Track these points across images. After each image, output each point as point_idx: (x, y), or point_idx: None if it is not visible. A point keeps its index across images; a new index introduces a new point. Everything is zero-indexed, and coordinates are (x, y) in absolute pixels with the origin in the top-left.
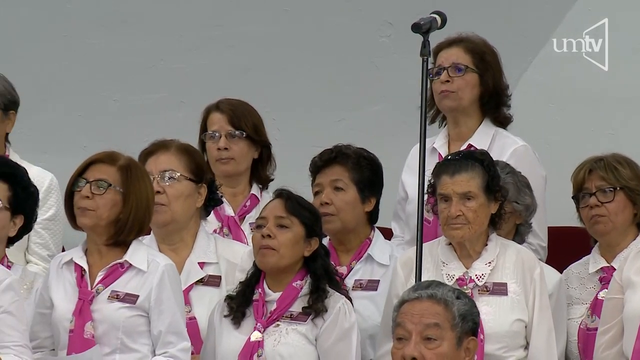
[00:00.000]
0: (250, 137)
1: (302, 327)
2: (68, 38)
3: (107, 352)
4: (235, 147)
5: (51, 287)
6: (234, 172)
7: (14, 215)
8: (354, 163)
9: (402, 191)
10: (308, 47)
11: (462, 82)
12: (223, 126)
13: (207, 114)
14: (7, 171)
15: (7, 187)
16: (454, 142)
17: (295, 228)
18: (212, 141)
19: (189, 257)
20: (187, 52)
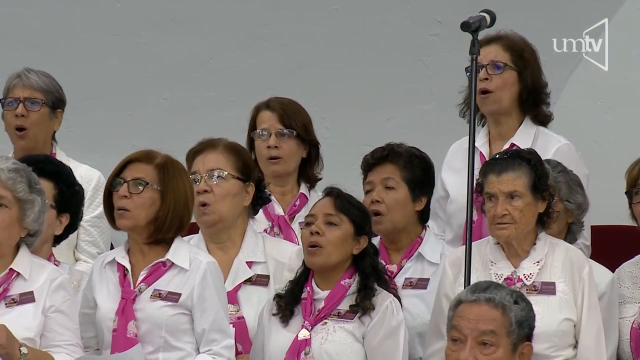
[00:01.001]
0: (299, 135)
1: (349, 325)
2: (118, 37)
3: (150, 350)
4: (284, 146)
5: (94, 287)
6: (283, 171)
7: (59, 214)
8: (405, 162)
9: (441, 190)
10: (357, 46)
11: (501, 81)
12: (273, 124)
13: (256, 112)
14: (52, 170)
15: (52, 186)
16: (494, 141)
17: (344, 226)
18: (261, 139)
19: (237, 256)
20: (237, 51)
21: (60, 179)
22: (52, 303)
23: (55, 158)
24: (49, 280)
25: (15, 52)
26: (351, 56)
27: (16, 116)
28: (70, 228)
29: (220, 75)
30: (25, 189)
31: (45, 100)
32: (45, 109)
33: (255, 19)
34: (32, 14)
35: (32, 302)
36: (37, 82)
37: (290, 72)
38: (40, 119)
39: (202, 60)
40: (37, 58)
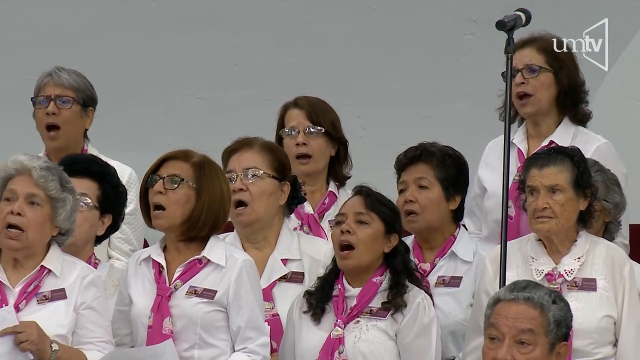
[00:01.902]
0: (328, 133)
1: (382, 323)
2: (153, 36)
3: (185, 347)
4: (313, 143)
5: (130, 284)
6: (312, 170)
7: (102, 215)
8: (438, 161)
9: (477, 187)
10: (393, 45)
11: (537, 83)
12: (302, 122)
13: (284, 110)
14: (97, 170)
15: (96, 186)
16: (532, 139)
17: (374, 224)
18: (290, 137)
19: (272, 254)
20: (273, 50)
21: (105, 179)
22: (83, 300)
23: (101, 158)
24: (80, 277)
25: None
26: (387, 55)
27: (47, 114)
28: (112, 228)
29: (255, 74)
30: (57, 187)
31: (76, 98)
32: (76, 107)
33: (291, 18)
34: (68, 12)
35: (64, 299)
36: (68, 80)
37: (326, 71)
38: (71, 117)
39: (238, 59)
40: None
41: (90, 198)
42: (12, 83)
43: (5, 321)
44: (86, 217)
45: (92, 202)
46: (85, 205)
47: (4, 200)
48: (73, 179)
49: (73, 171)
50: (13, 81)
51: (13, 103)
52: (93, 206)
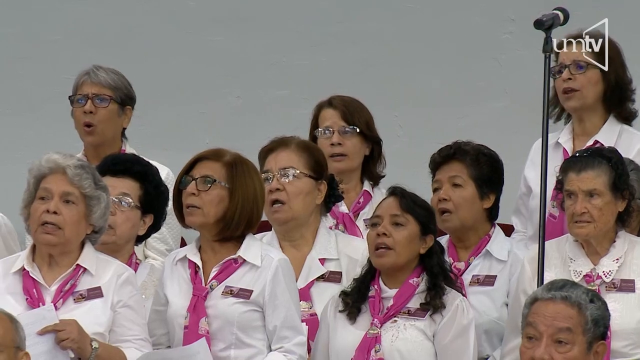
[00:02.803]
0: (362, 133)
1: (420, 323)
2: (191, 35)
3: (221, 347)
4: (348, 143)
5: (166, 284)
6: (346, 169)
7: (144, 215)
8: (472, 159)
9: (524, 186)
10: (430, 44)
11: (584, 80)
12: (336, 122)
13: (318, 110)
14: (139, 170)
15: (138, 186)
16: (578, 138)
17: (410, 226)
18: (324, 137)
19: (309, 253)
20: (310, 49)
21: (147, 179)
22: (119, 298)
23: (143, 158)
24: (115, 275)
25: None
26: (424, 54)
27: (84, 113)
28: (153, 228)
29: (292, 73)
30: (92, 185)
31: (113, 97)
32: (113, 106)
33: (327, 17)
34: (104, 11)
35: (100, 297)
36: (106, 79)
37: (363, 70)
38: (108, 116)
39: (275, 59)
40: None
41: (132, 198)
42: (50, 82)
43: (45, 320)
44: (128, 216)
45: (133, 202)
46: (127, 205)
47: (39, 199)
48: (115, 178)
49: (115, 171)
50: (51, 80)
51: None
52: (134, 206)
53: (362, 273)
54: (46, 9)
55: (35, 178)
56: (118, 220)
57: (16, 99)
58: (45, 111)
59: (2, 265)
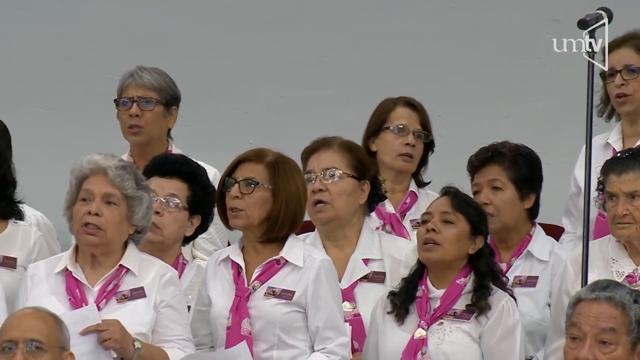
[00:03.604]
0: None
1: (465, 325)
2: (234, 35)
3: (264, 348)
4: (418, 147)
5: (209, 285)
6: (411, 170)
7: (191, 215)
8: (510, 161)
9: (574, 186)
10: (473, 43)
11: (638, 85)
12: (413, 123)
13: (393, 105)
14: (187, 171)
15: (186, 187)
16: (628, 138)
17: (460, 224)
18: (395, 134)
19: (353, 253)
20: (353, 49)
21: (194, 180)
22: (162, 298)
23: (192, 159)
24: (158, 275)
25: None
26: (467, 53)
27: (130, 116)
28: (201, 229)
29: (335, 73)
30: (133, 186)
31: (158, 98)
32: (159, 107)
33: (371, 17)
34: (148, 12)
35: (143, 297)
36: (150, 80)
37: (407, 70)
38: (154, 118)
39: (318, 58)
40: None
41: (180, 199)
42: (94, 82)
43: (88, 320)
44: (175, 217)
45: (181, 203)
46: (175, 205)
47: (80, 201)
48: (163, 179)
49: (163, 171)
50: (95, 80)
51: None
52: (182, 207)
53: (410, 273)
54: (90, 10)
55: (77, 179)
56: (165, 221)
57: (60, 99)
58: (89, 111)
59: (45, 265)
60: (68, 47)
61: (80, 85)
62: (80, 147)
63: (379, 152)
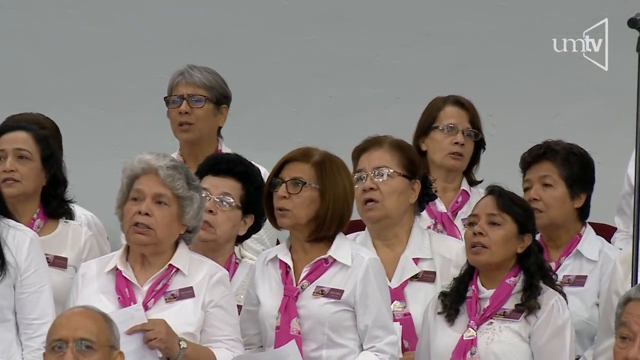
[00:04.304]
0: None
1: (515, 325)
2: (284, 34)
3: (313, 347)
4: (468, 146)
5: (257, 285)
6: (461, 168)
7: (244, 215)
8: (563, 159)
9: (627, 185)
10: (523, 43)
11: None
12: (462, 122)
13: (442, 104)
14: (241, 170)
15: (240, 186)
16: None
17: (507, 225)
18: (444, 133)
19: (403, 252)
20: (403, 48)
21: (248, 180)
22: (211, 298)
23: (246, 159)
24: (208, 275)
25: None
26: (517, 53)
27: (180, 113)
28: (254, 229)
29: (386, 72)
30: (184, 185)
31: (208, 96)
32: (209, 106)
33: (421, 16)
34: (199, 12)
35: (192, 297)
36: (200, 78)
37: (457, 69)
38: (204, 116)
39: (368, 58)
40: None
41: (233, 197)
42: (144, 81)
43: (134, 319)
44: (228, 216)
45: (234, 202)
46: (228, 204)
47: (131, 200)
48: (217, 178)
49: (217, 170)
50: (146, 79)
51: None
52: (235, 206)
53: (461, 273)
54: (141, 9)
55: (129, 178)
56: (218, 220)
57: (111, 98)
58: (140, 110)
59: (96, 264)
60: (118, 47)
61: (131, 85)
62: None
63: (429, 151)
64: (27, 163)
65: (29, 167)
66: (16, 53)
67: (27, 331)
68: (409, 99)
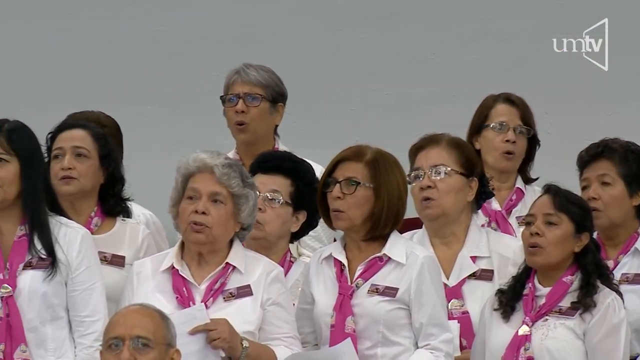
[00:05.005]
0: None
1: (570, 322)
2: (340, 32)
3: (368, 346)
4: (520, 143)
5: (312, 283)
6: (513, 168)
7: (295, 211)
8: (620, 157)
9: None
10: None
11: None
12: (513, 119)
13: (492, 102)
14: (289, 166)
15: (289, 183)
16: None
17: (564, 225)
18: (497, 131)
19: (460, 251)
20: (459, 46)
21: (298, 176)
22: (269, 296)
23: (295, 155)
24: (264, 273)
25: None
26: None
27: (236, 112)
28: (308, 226)
29: (441, 70)
30: (239, 184)
31: (264, 95)
32: (265, 104)
33: (477, 14)
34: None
35: (250, 295)
36: (256, 77)
37: (512, 67)
38: (260, 114)
39: (424, 56)
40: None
41: (282, 194)
42: (200, 80)
43: (196, 319)
44: (278, 213)
45: (283, 199)
46: (277, 201)
47: (187, 199)
48: (266, 175)
49: (265, 168)
50: (202, 78)
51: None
52: (285, 202)
53: (518, 271)
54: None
55: (183, 177)
56: (267, 217)
57: (167, 96)
58: (196, 108)
59: (151, 263)
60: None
61: (187, 83)
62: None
63: (482, 150)
64: (85, 161)
65: (87, 164)
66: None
67: (79, 328)
68: (464, 97)
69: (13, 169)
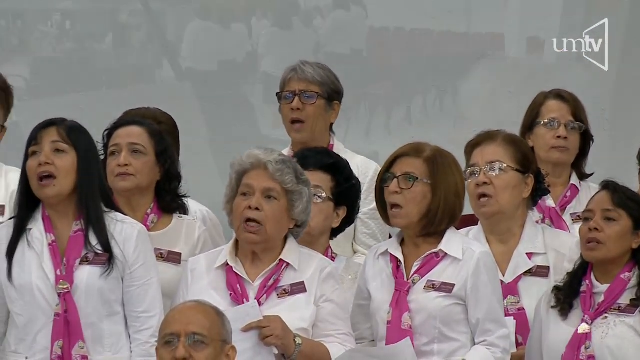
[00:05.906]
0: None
1: (630, 319)
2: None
3: (425, 342)
4: (572, 138)
5: (368, 279)
6: (566, 162)
7: (336, 207)
8: None
9: None
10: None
11: None
12: (564, 115)
13: (543, 99)
14: (329, 162)
15: (329, 178)
16: None
17: (622, 221)
18: (548, 128)
19: (516, 247)
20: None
21: (337, 172)
22: (322, 293)
23: (333, 151)
24: (318, 270)
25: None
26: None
27: (292, 109)
28: (348, 221)
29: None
30: (293, 180)
31: (320, 92)
32: (320, 102)
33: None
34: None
35: (304, 292)
36: (312, 74)
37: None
38: (316, 112)
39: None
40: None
41: (324, 190)
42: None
43: (249, 316)
44: (320, 209)
45: (325, 194)
46: (319, 197)
47: (241, 195)
48: (306, 171)
49: (306, 164)
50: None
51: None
52: (327, 198)
53: (574, 268)
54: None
55: (237, 173)
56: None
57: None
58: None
59: (205, 260)
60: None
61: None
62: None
63: (535, 147)
64: (141, 157)
65: (143, 161)
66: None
67: (135, 324)
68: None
69: (71, 159)
